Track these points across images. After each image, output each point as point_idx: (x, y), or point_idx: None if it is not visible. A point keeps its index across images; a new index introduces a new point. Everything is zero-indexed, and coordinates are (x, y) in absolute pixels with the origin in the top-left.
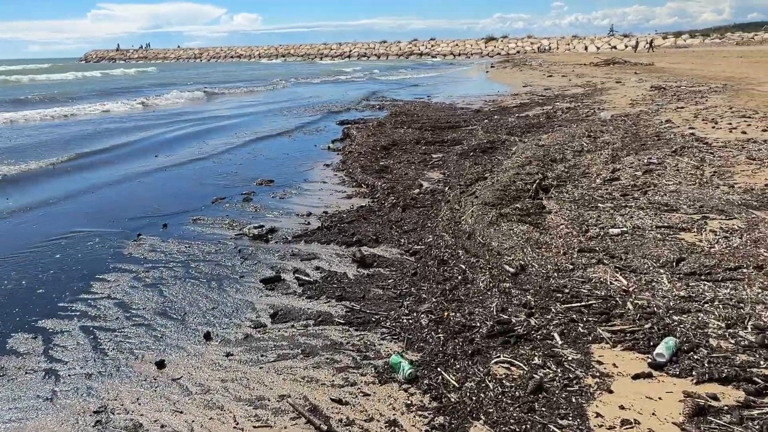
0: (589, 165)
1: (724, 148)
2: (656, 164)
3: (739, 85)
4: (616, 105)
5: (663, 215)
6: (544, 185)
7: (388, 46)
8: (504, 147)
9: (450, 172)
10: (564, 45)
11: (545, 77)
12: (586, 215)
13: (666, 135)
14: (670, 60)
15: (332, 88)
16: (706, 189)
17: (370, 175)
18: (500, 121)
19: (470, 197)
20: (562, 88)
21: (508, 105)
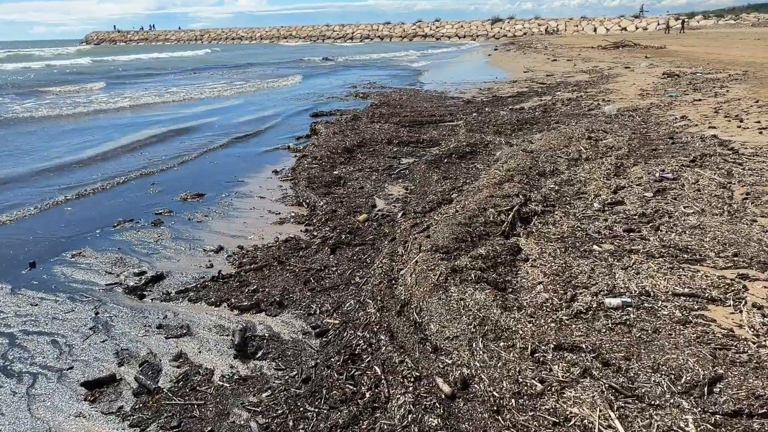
0: (586, 180)
1: (756, 158)
2: (671, 179)
3: (762, 72)
4: (623, 95)
5: (682, 270)
6: (525, 212)
7: (392, 28)
8: (486, 151)
9: (414, 187)
10: (572, 26)
11: (549, 62)
12: (576, 267)
13: (681, 137)
14: (682, 43)
15: (322, 73)
16: (738, 224)
17: (315, 190)
18: (490, 115)
19: (422, 234)
20: (566, 75)
21: (503, 94)
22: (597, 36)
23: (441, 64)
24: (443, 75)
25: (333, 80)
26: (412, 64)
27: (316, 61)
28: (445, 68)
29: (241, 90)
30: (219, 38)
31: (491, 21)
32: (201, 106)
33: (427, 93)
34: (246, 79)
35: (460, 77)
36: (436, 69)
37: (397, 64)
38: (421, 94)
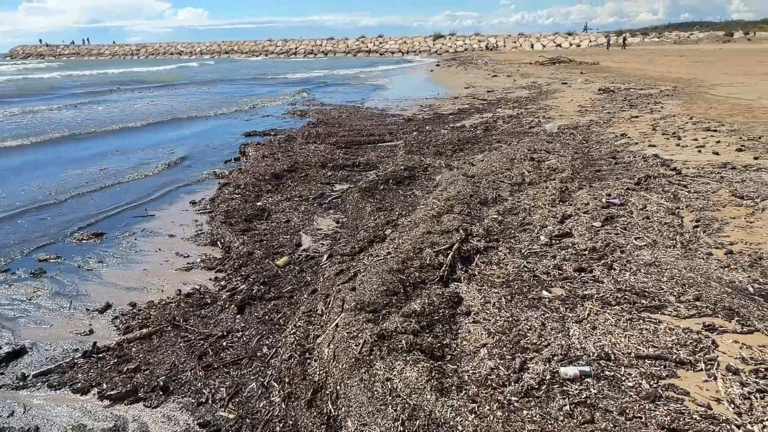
0: (530, 208)
1: (700, 179)
2: (618, 205)
3: (690, 88)
4: (563, 112)
5: (643, 322)
6: (466, 251)
7: (336, 43)
8: (425, 176)
9: (346, 220)
10: (511, 43)
11: (490, 77)
12: (524, 322)
13: (623, 156)
14: (613, 59)
15: (262, 89)
16: (694, 259)
17: (233, 227)
18: (430, 135)
19: (347, 286)
20: (506, 90)
21: (445, 111)
22: (534, 52)
23: (384, 79)
24: (385, 91)
25: (272, 96)
26: (355, 80)
27: (257, 77)
28: (387, 84)
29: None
30: (157, 53)
31: (433, 37)
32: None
33: (368, 110)
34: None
35: (401, 93)
36: (378, 84)
37: (340, 80)
38: (362, 112)
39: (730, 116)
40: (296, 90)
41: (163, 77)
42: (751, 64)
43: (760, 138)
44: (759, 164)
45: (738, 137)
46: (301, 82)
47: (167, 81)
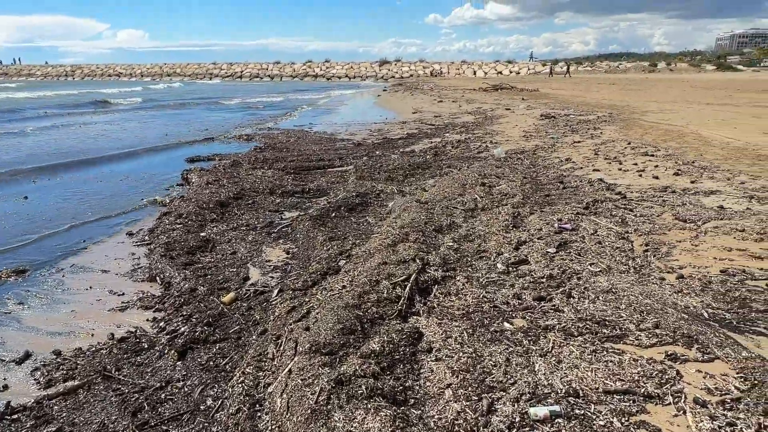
0: (485, 235)
1: (644, 203)
2: (570, 230)
3: (624, 114)
4: (509, 137)
5: (607, 353)
6: (424, 281)
7: (282, 67)
8: (378, 202)
9: (297, 250)
10: (454, 69)
11: (436, 103)
12: (488, 357)
13: (570, 180)
14: (551, 86)
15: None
16: (648, 284)
17: (174, 260)
18: (381, 160)
19: (300, 325)
20: (453, 116)
21: (394, 136)
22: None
23: (331, 104)
24: (333, 116)
25: (216, 120)
26: (302, 104)
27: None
28: (335, 109)
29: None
30: (93, 74)
31: (379, 63)
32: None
33: (317, 134)
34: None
35: (350, 118)
36: (326, 109)
37: (287, 104)
38: (310, 136)
39: (664, 141)
40: (243, 114)
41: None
42: (676, 92)
43: (693, 162)
44: (696, 188)
45: (674, 161)
46: (247, 106)
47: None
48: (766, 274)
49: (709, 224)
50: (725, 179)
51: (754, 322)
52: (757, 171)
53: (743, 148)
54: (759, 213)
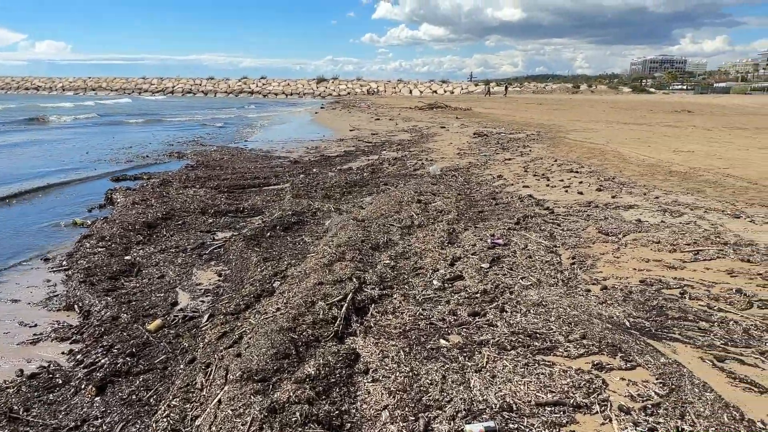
0: (421, 252)
1: (570, 217)
2: (502, 245)
3: (551, 133)
4: (444, 154)
5: (538, 365)
6: (361, 301)
7: (216, 83)
8: (315, 221)
9: (230, 272)
10: (391, 88)
11: (373, 120)
12: (425, 376)
13: (502, 197)
14: (484, 105)
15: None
16: (575, 296)
17: (95, 286)
18: (318, 177)
19: (232, 351)
20: (390, 133)
21: (331, 154)
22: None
23: (268, 121)
24: (270, 133)
25: (145, 137)
26: (237, 121)
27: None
28: (272, 126)
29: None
30: (8, 87)
31: (317, 80)
32: None
33: (252, 152)
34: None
35: (287, 135)
36: (263, 126)
37: (222, 121)
38: (245, 154)
39: (587, 159)
40: (175, 131)
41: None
42: (597, 112)
43: (614, 178)
44: (616, 202)
45: (596, 178)
46: (180, 122)
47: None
48: (679, 283)
49: (629, 237)
50: (642, 194)
51: (670, 329)
52: (669, 186)
53: (657, 165)
54: (672, 225)
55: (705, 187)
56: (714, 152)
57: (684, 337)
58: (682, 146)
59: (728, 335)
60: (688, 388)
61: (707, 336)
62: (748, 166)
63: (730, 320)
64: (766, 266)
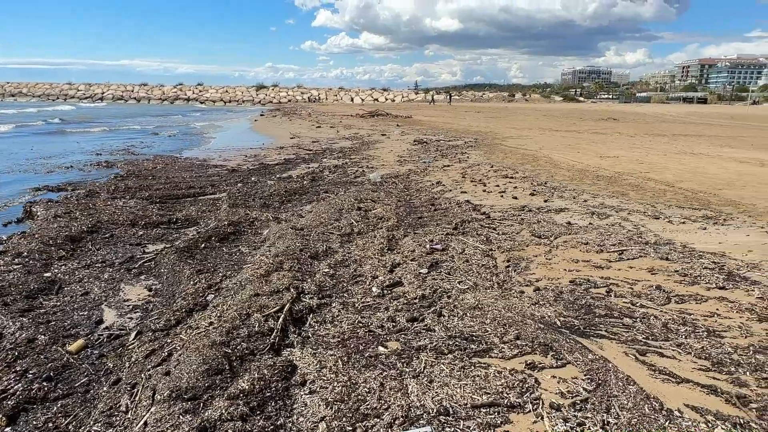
0: (361, 259)
1: (505, 221)
2: (441, 250)
3: (488, 140)
4: (384, 162)
5: (474, 368)
6: (299, 311)
7: (150, 90)
8: (252, 230)
9: (161, 287)
10: (332, 96)
11: (314, 128)
12: (363, 384)
13: (441, 202)
14: (424, 113)
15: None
16: (510, 298)
17: (9, 306)
18: (256, 186)
19: (160, 370)
20: (331, 141)
21: (270, 162)
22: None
23: (205, 128)
24: (206, 140)
25: (71, 145)
26: (172, 128)
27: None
28: (208, 133)
29: None
30: None
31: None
32: None
33: (187, 161)
34: None
35: (224, 143)
36: (199, 134)
37: (156, 128)
38: (180, 162)
39: (521, 164)
40: (104, 139)
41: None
42: (531, 120)
43: (545, 183)
44: (548, 206)
45: (530, 183)
46: (110, 130)
47: None
48: (605, 282)
49: (560, 239)
50: (572, 198)
51: (597, 326)
52: (597, 190)
53: (585, 170)
54: (599, 227)
55: (629, 190)
56: (636, 157)
57: (610, 334)
58: (608, 152)
59: (649, 330)
60: (613, 383)
61: (631, 331)
62: (666, 170)
63: (651, 315)
64: (682, 264)
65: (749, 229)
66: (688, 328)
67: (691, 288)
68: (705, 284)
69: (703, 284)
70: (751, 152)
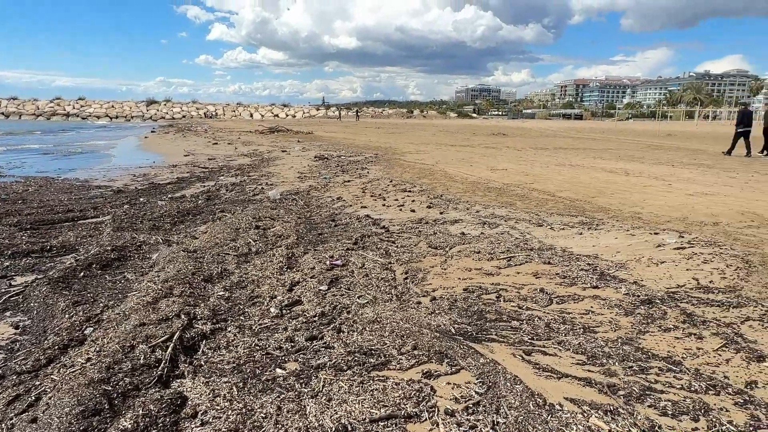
0: (259, 279)
1: (403, 234)
2: (341, 266)
3: (387, 155)
4: (284, 179)
5: (373, 382)
6: (190, 338)
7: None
8: (140, 255)
9: (30, 323)
10: (230, 111)
11: (210, 145)
12: (259, 410)
13: (341, 218)
14: (325, 129)
15: None
16: (408, 309)
17: None
18: (146, 207)
19: (25, 416)
20: (228, 158)
21: (162, 181)
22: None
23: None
24: (89, 159)
25: None
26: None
27: None
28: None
29: None
30: None
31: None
32: None
33: (66, 182)
34: None
35: (110, 162)
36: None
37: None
38: (57, 184)
39: (419, 179)
40: None
41: None
42: (428, 135)
43: (441, 196)
44: (444, 218)
45: (427, 196)
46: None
47: None
48: (496, 288)
49: (455, 249)
50: (465, 209)
51: (488, 330)
52: (487, 201)
53: (477, 182)
54: (490, 236)
55: (516, 200)
56: (523, 169)
57: (499, 337)
58: (498, 165)
59: (534, 330)
60: (502, 384)
61: (518, 333)
62: (548, 181)
63: (536, 317)
64: (562, 267)
65: (617, 232)
66: (567, 326)
67: (569, 289)
68: (581, 284)
69: (580, 285)
70: (618, 163)
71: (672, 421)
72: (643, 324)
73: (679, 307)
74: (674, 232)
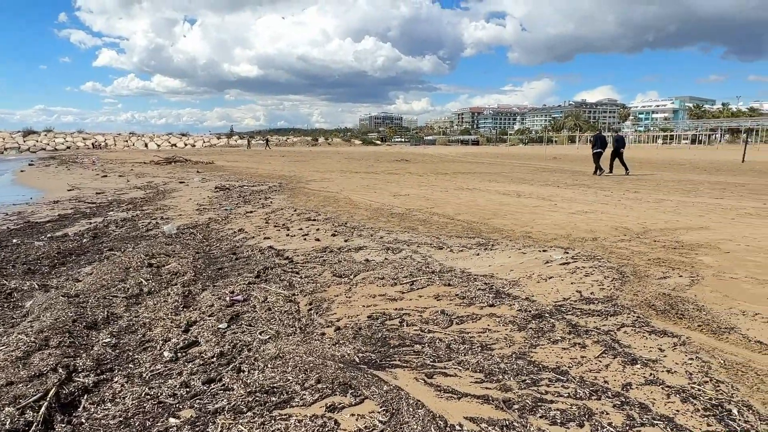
0: (151, 322)
1: (308, 264)
2: (242, 301)
3: (292, 184)
4: (182, 212)
5: (275, 422)
6: (69, 394)
7: None
8: (10, 304)
9: None
10: (122, 141)
11: (99, 178)
12: None
13: (243, 251)
14: (227, 158)
15: None
16: (312, 342)
17: None
18: (19, 249)
19: None
20: (119, 192)
21: (40, 219)
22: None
23: None
24: None
25: None
26: None
27: None
28: None
29: None
30: None
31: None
32: None
33: None
34: None
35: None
36: None
37: None
38: None
39: (324, 206)
40: None
41: None
42: (333, 163)
43: (346, 223)
44: (348, 245)
45: (331, 224)
46: None
47: None
48: (399, 313)
49: (359, 276)
50: (369, 236)
51: (392, 357)
52: (391, 226)
53: (381, 208)
54: (393, 261)
55: (418, 225)
56: (424, 194)
57: (402, 362)
58: (400, 191)
59: (435, 353)
60: (405, 410)
61: (420, 357)
62: (447, 205)
63: (437, 339)
64: (461, 288)
65: (510, 251)
66: (466, 346)
67: (468, 309)
68: (479, 304)
69: (478, 304)
70: (511, 185)
71: (560, 429)
72: (535, 338)
73: (565, 319)
74: (560, 248)
